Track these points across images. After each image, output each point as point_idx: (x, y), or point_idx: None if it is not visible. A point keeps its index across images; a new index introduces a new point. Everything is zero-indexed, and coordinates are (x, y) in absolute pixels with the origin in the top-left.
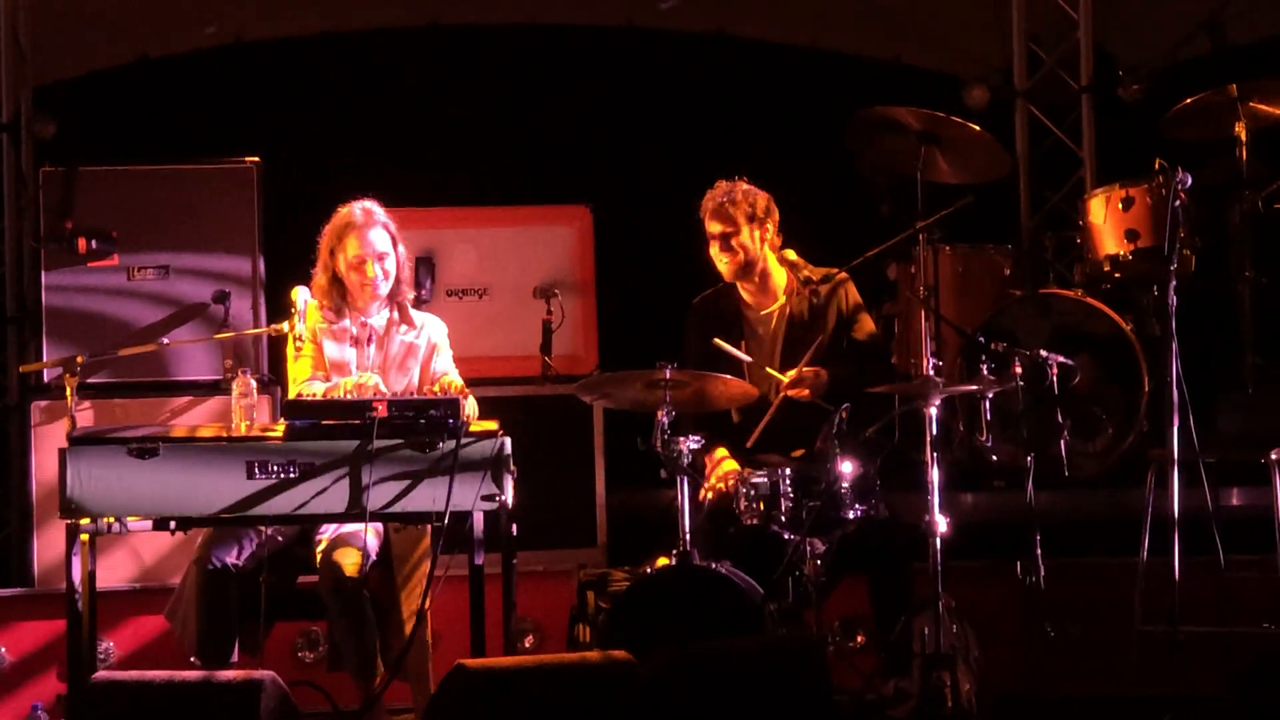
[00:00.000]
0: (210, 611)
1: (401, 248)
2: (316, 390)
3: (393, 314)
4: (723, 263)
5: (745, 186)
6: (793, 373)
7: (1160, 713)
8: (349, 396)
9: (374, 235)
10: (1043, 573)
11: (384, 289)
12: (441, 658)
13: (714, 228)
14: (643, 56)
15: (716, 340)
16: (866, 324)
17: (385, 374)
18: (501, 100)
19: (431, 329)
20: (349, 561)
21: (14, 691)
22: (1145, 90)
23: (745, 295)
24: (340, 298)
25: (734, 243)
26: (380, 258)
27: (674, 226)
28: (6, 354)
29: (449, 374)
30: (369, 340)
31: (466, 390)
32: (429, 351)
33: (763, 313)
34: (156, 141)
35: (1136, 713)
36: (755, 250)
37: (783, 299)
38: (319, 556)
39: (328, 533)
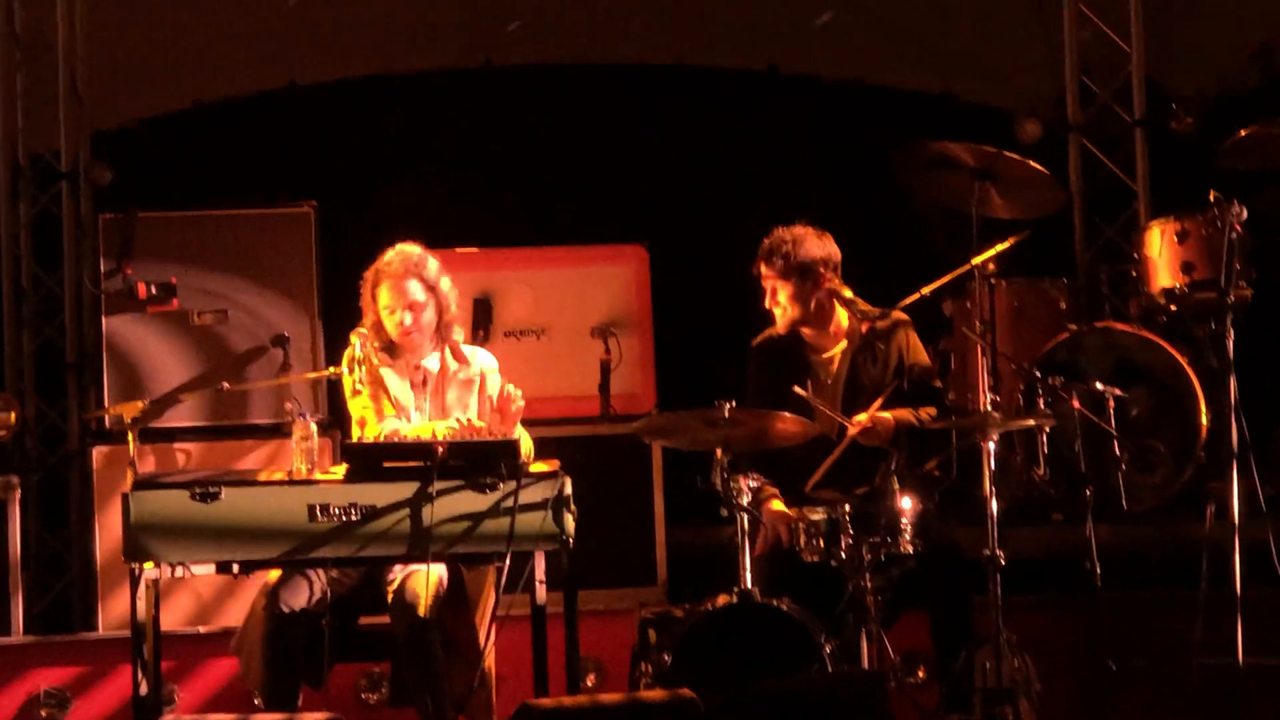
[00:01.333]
0: (278, 658)
1: (446, 289)
2: (402, 430)
3: (444, 354)
4: (775, 313)
5: (799, 232)
6: (863, 418)
7: None
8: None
9: (409, 286)
10: (1103, 606)
11: (420, 337)
12: (505, 698)
13: (765, 274)
14: (695, 94)
15: (796, 388)
16: (926, 366)
17: (445, 415)
18: (555, 140)
19: (483, 362)
20: (421, 601)
21: None
22: (1198, 123)
23: (806, 336)
24: (386, 338)
25: (784, 294)
26: (412, 307)
27: (730, 263)
28: (68, 400)
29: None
30: (423, 383)
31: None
32: (483, 383)
33: (825, 355)
34: (212, 186)
35: None
36: (808, 303)
37: (844, 341)
38: (390, 595)
39: (398, 572)
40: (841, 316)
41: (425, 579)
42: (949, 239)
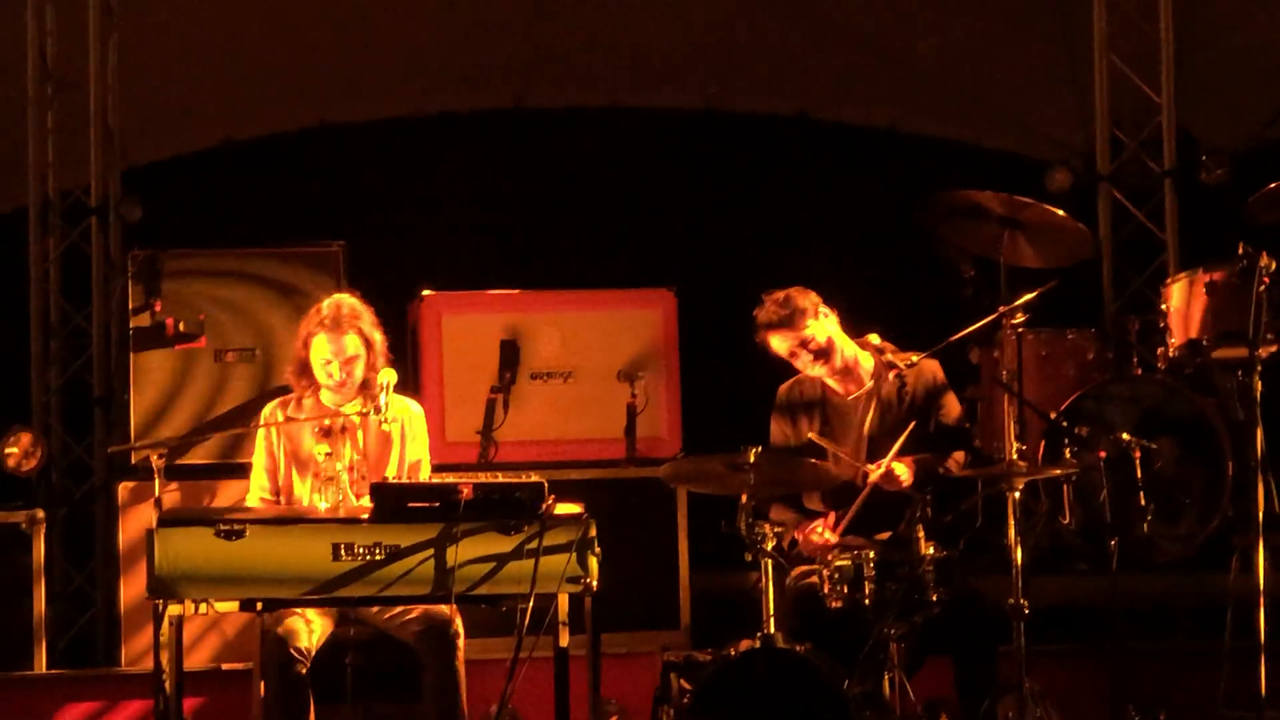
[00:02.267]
0: (282, 697)
1: (379, 342)
2: (258, 509)
3: (365, 405)
4: (811, 369)
5: (788, 293)
6: (881, 468)
7: None
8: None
9: (345, 340)
10: (1128, 657)
11: (350, 388)
12: None
13: (776, 344)
14: (725, 139)
15: (812, 435)
16: (953, 407)
17: (364, 463)
18: (585, 183)
19: (406, 416)
20: (442, 611)
21: None
22: (1228, 174)
23: (830, 382)
24: (311, 382)
25: (813, 347)
26: (348, 362)
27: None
28: (94, 435)
29: (421, 461)
30: (342, 430)
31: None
32: (404, 440)
33: (849, 399)
34: (242, 223)
35: None
36: (831, 335)
37: (869, 384)
38: (400, 615)
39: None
40: (866, 360)
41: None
42: (977, 288)
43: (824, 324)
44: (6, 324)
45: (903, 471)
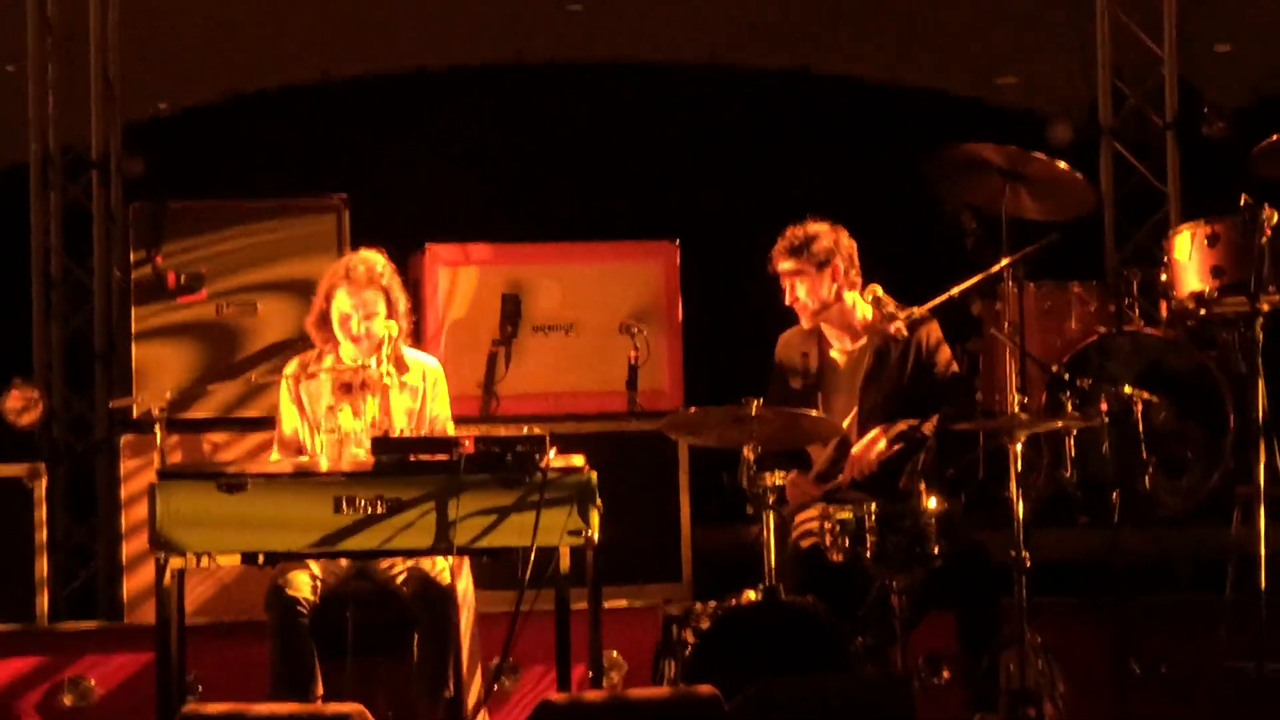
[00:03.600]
0: (287, 648)
1: (402, 302)
2: (285, 468)
3: (385, 361)
4: (796, 307)
5: (813, 228)
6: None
7: None
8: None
9: (368, 295)
10: (1129, 610)
11: (369, 343)
12: (527, 693)
13: (783, 269)
14: (727, 93)
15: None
16: (946, 362)
17: (383, 419)
18: (587, 136)
19: (427, 371)
20: (439, 570)
21: None
22: (1230, 127)
23: (827, 334)
24: (330, 336)
25: (803, 288)
26: (369, 317)
27: (759, 261)
28: (95, 389)
29: (439, 419)
30: (361, 385)
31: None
32: (424, 395)
33: (845, 351)
34: (243, 177)
35: None
36: (827, 294)
37: (865, 338)
38: (400, 575)
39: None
40: (865, 312)
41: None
42: (979, 240)
43: (825, 276)
44: (7, 278)
45: (866, 461)
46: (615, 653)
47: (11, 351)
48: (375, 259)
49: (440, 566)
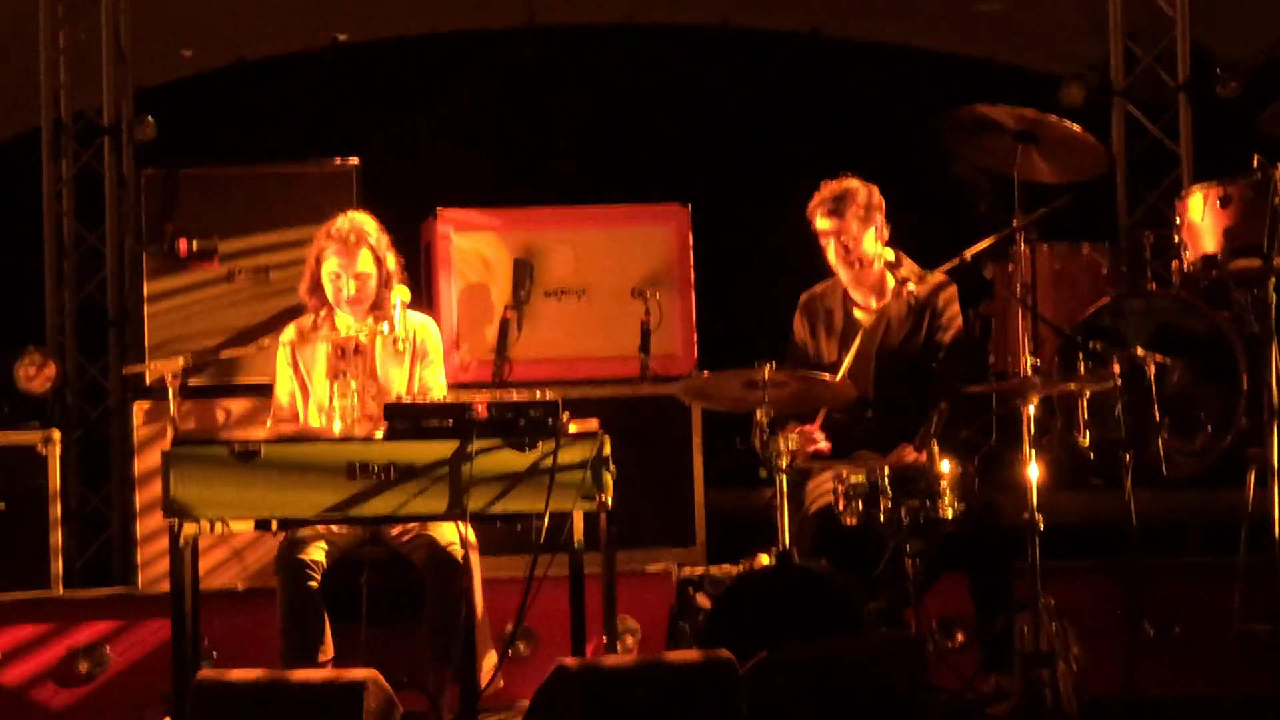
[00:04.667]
0: (295, 612)
1: (391, 262)
2: (283, 431)
3: (377, 323)
4: (834, 259)
5: (852, 184)
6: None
7: (1260, 713)
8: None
9: (359, 255)
10: (1142, 572)
11: (361, 306)
12: (542, 657)
13: (824, 225)
14: (738, 55)
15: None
16: (955, 328)
17: (375, 380)
18: (598, 100)
19: (422, 335)
20: (448, 539)
21: (118, 691)
22: (1243, 88)
23: (852, 292)
24: (323, 301)
25: (842, 239)
26: (359, 277)
27: (771, 224)
28: (109, 356)
29: (433, 390)
30: (355, 350)
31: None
32: (415, 357)
33: (869, 310)
34: (255, 143)
35: (1236, 713)
36: (868, 250)
37: (886, 299)
38: (410, 542)
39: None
40: (886, 274)
41: (448, 525)
42: (991, 203)
43: (868, 232)
44: (20, 245)
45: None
46: (629, 617)
47: (24, 319)
48: (362, 219)
49: (450, 537)
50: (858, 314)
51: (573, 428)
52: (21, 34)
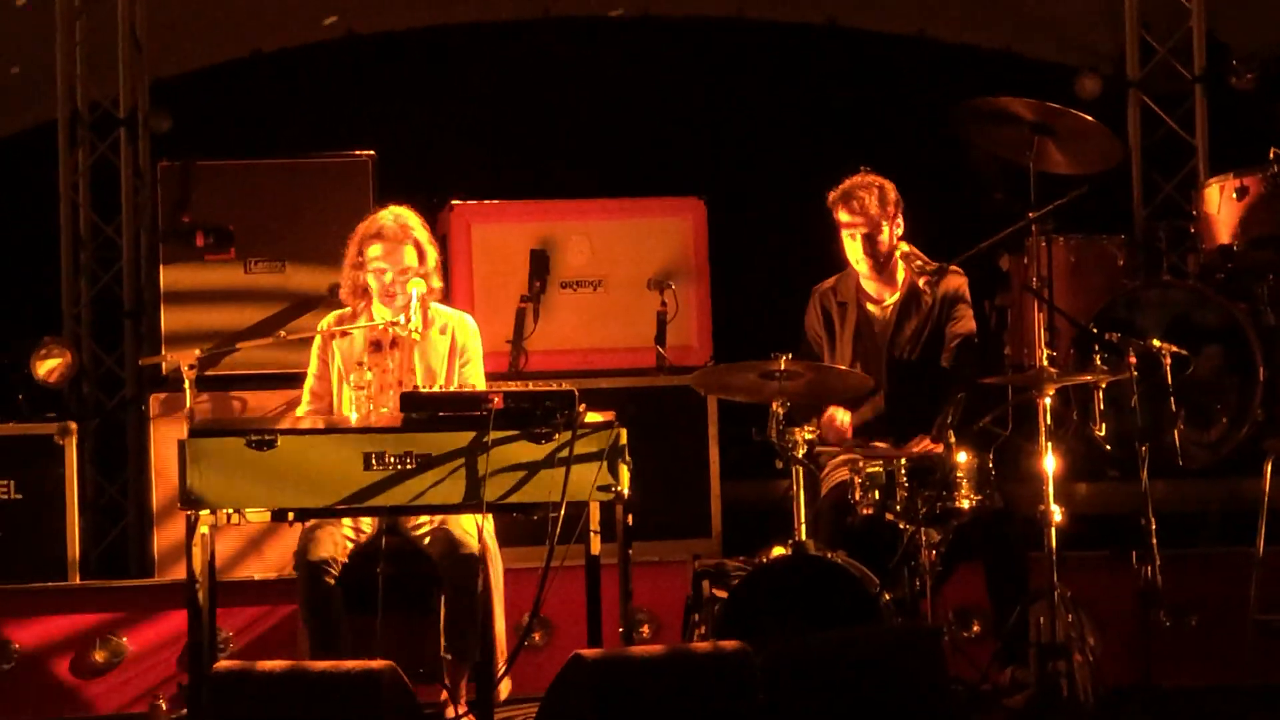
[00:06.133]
0: (314, 606)
1: (433, 256)
2: (313, 424)
3: (414, 317)
4: (857, 255)
5: (876, 179)
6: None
7: (1277, 703)
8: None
9: (403, 250)
10: (1158, 562)
11: (401, 298)
12: (559, 648)
13: (845, 218)
14: (754, 47)
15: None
16: (967, 321)
17: (411, 375)
18: (614, 92)
19: (460, 330)
20: (466, 534)
21: (135, 681)
22: (1259, 79)
23: (866, 284)
24: (365, 296)
25: (867, 234)
26: (403, 272)
27: (786, 216)
28: (125, 347)
29: (468, 376)
30: (392, 344)
31: None
32: (454, 352)
33: (883, 304)
34: (270, 135)
35: (1252, 703)
36: (888, 245)
37: (899, 293)
38: (428, 536)
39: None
40: (899, 267)
41: (464, 519)
42: (1007, 194)
43: (890, 227)
44: (37, 237)
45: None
46: (646, 608)
47: (41, 310)
48: (405, 213)
49: (468, 531)
50: (870, 307)
51: (589, 419)
52: (38, 26)
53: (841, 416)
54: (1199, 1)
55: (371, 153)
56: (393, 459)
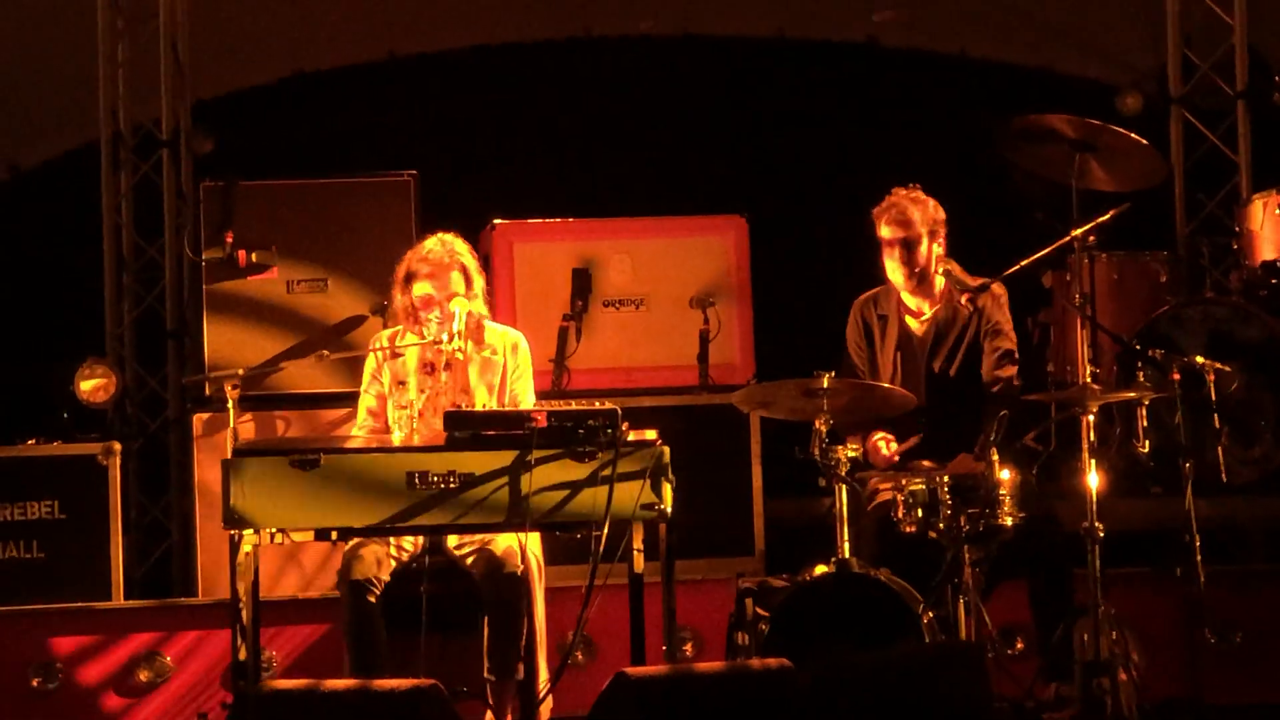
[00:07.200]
0: (356, 626)
1: (479, 281)
2: (356, 443)
3: (458, 337)
4: (895, 268)
5: (920, 195)
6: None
7: None
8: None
9: (451, 277)
10: (1202, 579)
11: (451, 323)
12: (602, 666)
13: (888, 233)
14: (794, 66)
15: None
16: (1004, 337)
17: (465, 393)
18: (655, 111)
19: (509, 349)
20: (509, 552)
21: (179, 701)
22: None
23: (905, 299)
24: (412, 318)
25: (910, 251)
26: (449, 298)
27: (828, 234)
28: (168, 367)
29: (523, 403)
30: (445, 366)
31: None
32: (505, 371)
33: (921, 318)
34: (311, 155)
35: None
36: (930, 261)
37: (940, 306)
38: (471, 555)
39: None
40: (940, 282)
41: (506, 538)
42: (1049, 211)
43: (932, 244)
44: (80, 258)
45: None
46: (689, 626)
47: (85, 330)
48: (452, 240)
49: (510, 549)
50: (910, 321)
51: (632, 437)
52: (80, 47)
53: (886, 447)
54: (1241, 17)
55: (413, 172)
56: (436, 478)
